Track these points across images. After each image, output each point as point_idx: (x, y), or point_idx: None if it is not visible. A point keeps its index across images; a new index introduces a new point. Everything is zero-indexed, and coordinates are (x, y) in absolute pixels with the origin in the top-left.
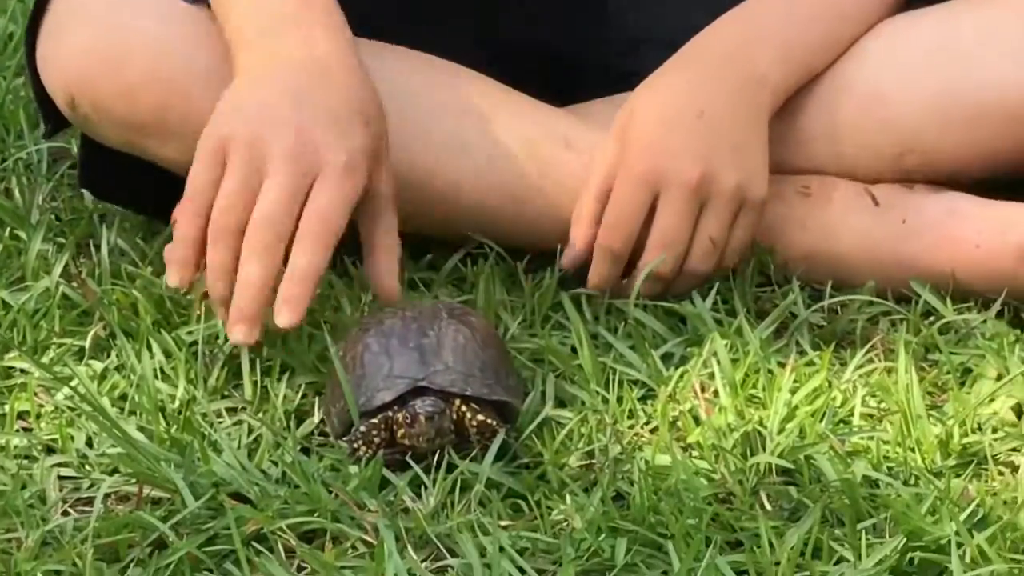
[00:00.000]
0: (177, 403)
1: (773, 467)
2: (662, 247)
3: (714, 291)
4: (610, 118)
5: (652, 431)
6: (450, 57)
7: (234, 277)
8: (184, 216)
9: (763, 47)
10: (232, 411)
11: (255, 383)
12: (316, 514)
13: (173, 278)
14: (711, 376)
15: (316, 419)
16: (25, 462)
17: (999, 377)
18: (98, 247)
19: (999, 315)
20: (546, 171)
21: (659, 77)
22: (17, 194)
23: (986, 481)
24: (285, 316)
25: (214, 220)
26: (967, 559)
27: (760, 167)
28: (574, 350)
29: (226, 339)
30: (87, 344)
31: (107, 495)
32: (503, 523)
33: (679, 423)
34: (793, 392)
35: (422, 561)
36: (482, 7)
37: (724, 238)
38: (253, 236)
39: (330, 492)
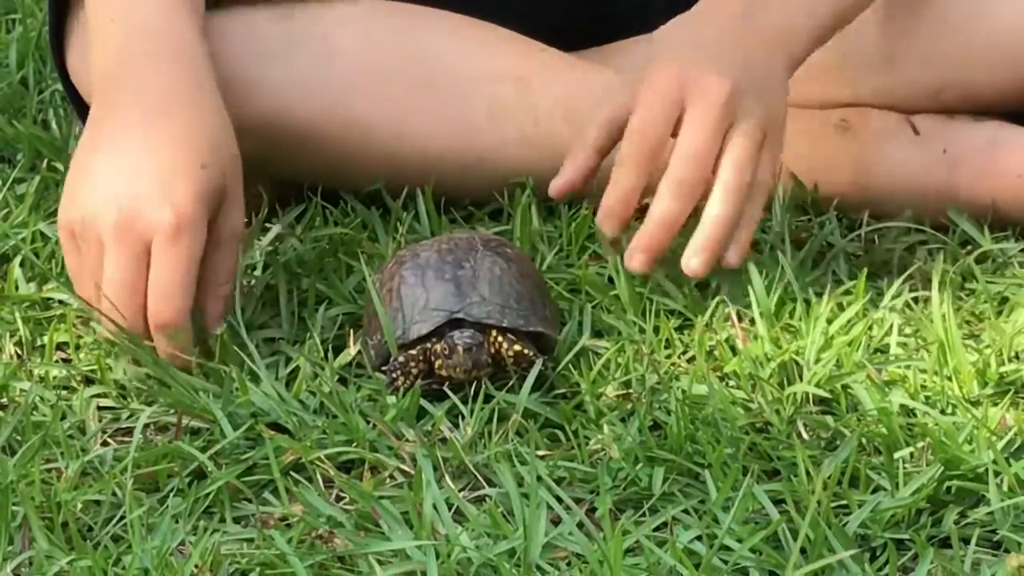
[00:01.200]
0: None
1: (810, 396)
2: (687, 158)
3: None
4: (643, 58)
5: (689, 361)
6: (484, 12)
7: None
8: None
9: None
10: (269, 341)
11: (292, 314)
12: (354, 444)
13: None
14: (748, 305)
15: (353, 351)
16: (64, 392)
17: None
18: None
19: None
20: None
21: (680, 23)
22: (54, 126)
23: (1023, 410)
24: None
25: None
26: (1004, 487)
27: (781, 107)
28: (611, 280)
29: (264, 269)
30: None
31: (146, 425)
32: (540, 453)
33: (716, 353)
34: (830, 322)
35: (460, 490)
36: None
37: (751, 166)
38: (109, 308)
39: (368, 422)
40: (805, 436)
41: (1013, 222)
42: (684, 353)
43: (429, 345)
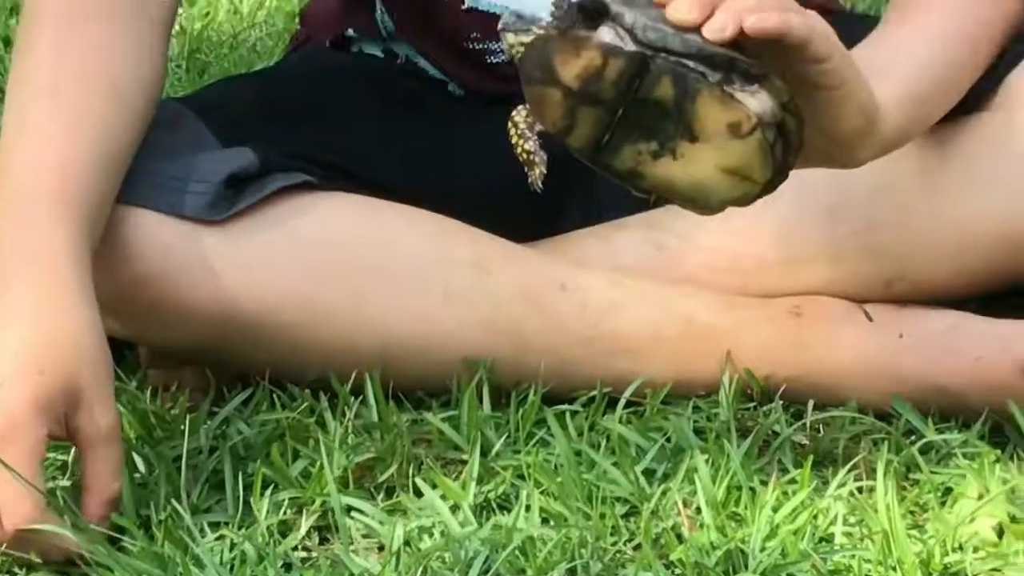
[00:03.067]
0: (161, 516)
1: None
2: None
3: (689, 404)
4: (598, 253)
5: (635, 548)
6: (437, 206)
7: None
8: None
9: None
10: (214, 525)
11: (237, 498)
12: None
13: None
14: (693, 493)
15: (301, 532)
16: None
17: (980, 496)
18: None
19: (980, 433)
20: (545, 314)
21: None
22: None
23: None
24: None
25: None
26: None
27: None
28: (558, 467)
29: (209, 452)
30: (70, 459)
31: None
32: None
33: (662, 540)
34: (775, 510)
35: None
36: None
37: None
38: None
39: None
40: None
41: (967, 407)
42: (630, 540)
43: None
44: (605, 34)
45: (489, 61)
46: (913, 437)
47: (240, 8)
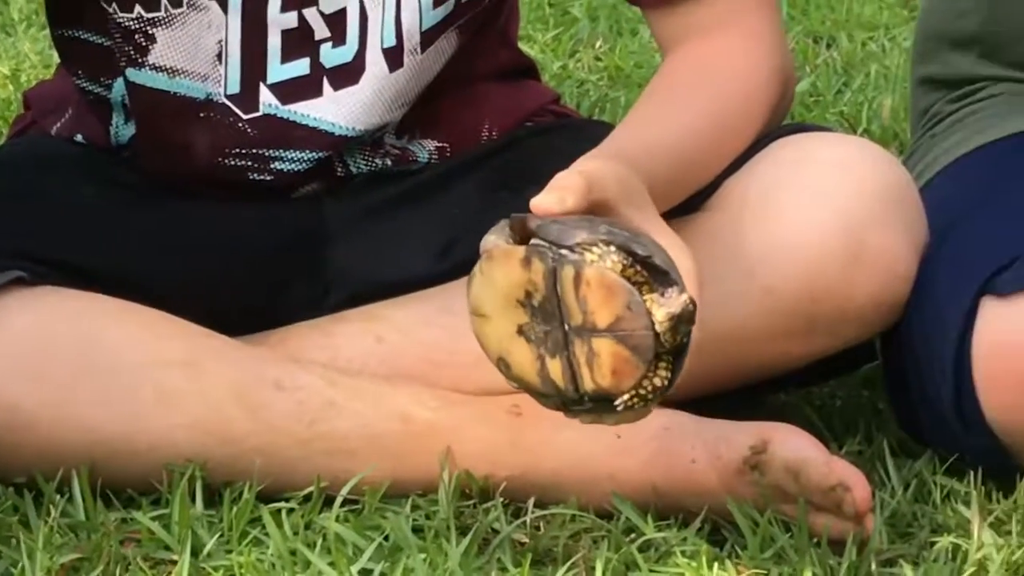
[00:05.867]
0: None
1: None
2: None
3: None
4: (318, 346)
5: None
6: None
7: None
8: None
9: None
10: None
11: None
12: None
13: None
14: None
15: None
16: None
17: None
18: None
19: (700, 532)
20: (258, 415)
21: None
22: None
23: None
24: None
25: None
26: None
27: None
28: (272, 567)
29: None
30: None
31: None
32: None
33: None
34: None
35: None
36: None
37: None
38: None
39: None
40: None
41: (683, 508)
42: None
43: None
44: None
45: (251, 178)
46: (633, 535)
47: None
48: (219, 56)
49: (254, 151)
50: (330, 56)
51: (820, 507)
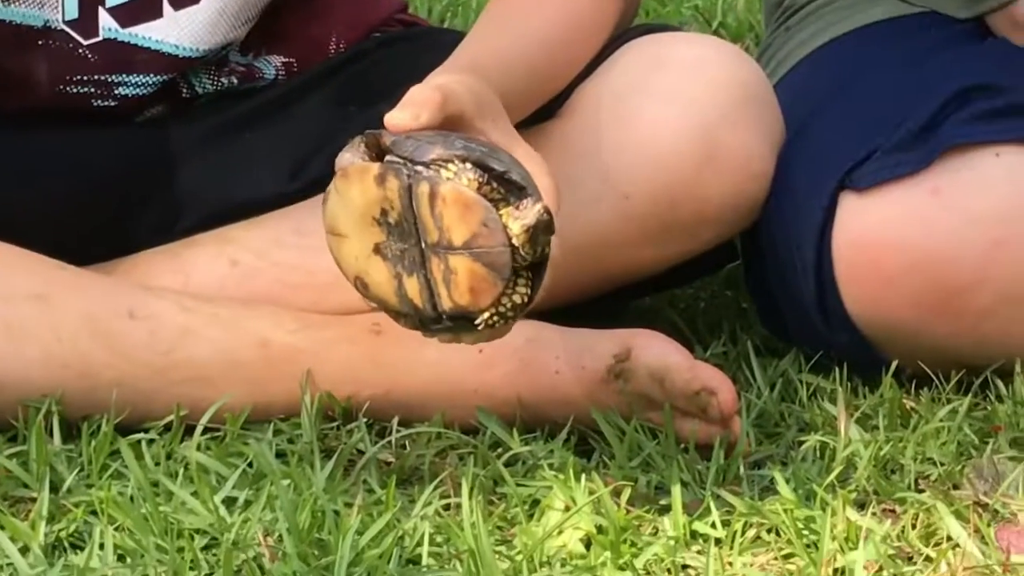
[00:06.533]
0: None
1: None
2: None
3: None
4: (170, 271)
5: None
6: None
7: None
8: None
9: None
10: None
11: None
12: None
13: None
14: (276, 521)
15: None
16: None
17: (567, 508)
18: None
19: (566, 444)
20: (113, 345)
21: None
22: None
23: None
24: None
25: None
26: None
27: None
28: (134, 500)
29: None
30: None
31: None
32: None
33: (243, 572)
34: (360, 534)
35: None
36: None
37: None
38: None
39: None
40: None
41: (549, 420)
42: (211, 574)
43: None
44: None
45: (95, 105)
46: (500, 449)
47: None
48: None
49: (96, 77)
50: None
51: (686, 412)
